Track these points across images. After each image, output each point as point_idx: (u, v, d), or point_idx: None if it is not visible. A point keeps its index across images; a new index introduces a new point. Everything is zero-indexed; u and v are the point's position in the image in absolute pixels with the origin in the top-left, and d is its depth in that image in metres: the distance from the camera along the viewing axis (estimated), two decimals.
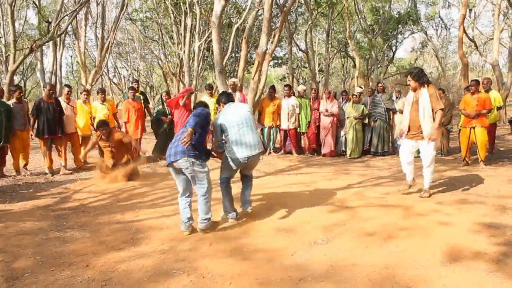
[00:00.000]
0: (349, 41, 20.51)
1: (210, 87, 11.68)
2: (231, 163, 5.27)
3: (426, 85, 6.26)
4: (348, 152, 10.71)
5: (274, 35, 11.18)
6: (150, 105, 13.36)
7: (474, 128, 8.83)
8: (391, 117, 11.06)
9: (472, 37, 19.23)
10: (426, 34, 27.02)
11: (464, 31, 13.93)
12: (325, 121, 10.74)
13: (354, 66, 23.28)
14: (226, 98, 5.58)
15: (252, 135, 5.25)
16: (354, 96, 10.76)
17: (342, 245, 4.51)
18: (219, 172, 5.55)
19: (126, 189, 7.54)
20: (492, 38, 20.20)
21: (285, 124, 10.82)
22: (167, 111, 10.63)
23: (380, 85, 11.47)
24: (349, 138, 10.70)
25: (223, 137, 5.30)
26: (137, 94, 10.87)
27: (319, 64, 29.31)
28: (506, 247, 4.34)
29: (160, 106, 10.96)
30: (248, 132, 5.23)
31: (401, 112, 10.71)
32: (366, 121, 10.84)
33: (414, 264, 4.00)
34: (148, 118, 12.04)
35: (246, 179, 5.63)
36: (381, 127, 10.82)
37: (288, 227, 5.13)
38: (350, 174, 8.46)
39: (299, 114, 10.87)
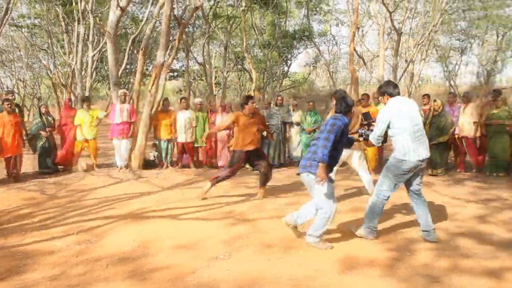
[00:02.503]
0: (246, 54, 20.88)
1: (87, 99, 11.18)
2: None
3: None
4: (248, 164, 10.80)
5: (172, 48, 11.06)
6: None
7: None
8: (287, 130, 11.35)
9: (360, 54, 20.48)
10: (318, 49, 28.25)
11: (354, 48, 14.74)
12: (221, 134, 10.75)
13: (251, 79, 23.73)
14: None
15: None
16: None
17: (245, 259, 4.51)
18: None
19: (10, 210, 6.89)
20: (378, 55, 21.65)
21: (182, 137, 10.66)
22: (46, 124, 10.01)
23: (279, 98, 11.73)
24: None
25: None
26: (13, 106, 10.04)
27: (216, 77, 29.47)
28: (397, 252, 4.63)
29: (38, 119, 10.17)
30: None
31: (298, 124, 11.07)
32: (264, 133, 11.00)
33: (316, 274, 4.11)
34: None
35: None
36: (277, 139, 11.04)
37: (188, 243, 5.03)
38: (248, 187, 8.54)
39: (195, 127, 10.75)
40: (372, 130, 5.02)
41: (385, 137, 4.98)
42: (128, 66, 22.30)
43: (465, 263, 4.33)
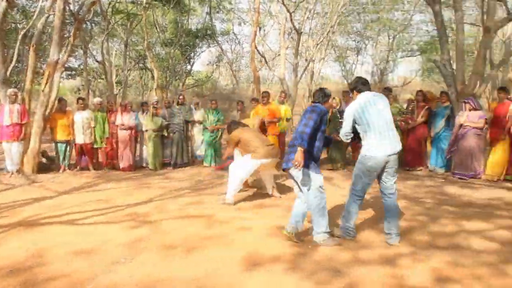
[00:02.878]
0: (147, 52, 20.38)
1: None
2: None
3: None
4: (150, 165, 10.57)
5: (67, 44, 10.52)
6: None
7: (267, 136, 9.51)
8: (190, 129, 11.26)
9: (262, 53, 20.80)
10: (221, 48, 28.30)
11: (256, 47, 14.95)
12: (123, 134, 10.42)
13: (153, 78, 23.21)
14: None
15: None
16: (154, 109, 10.65)
17: (147, 262, 4.39)
18: None
19: None
20: (279, 54, 22.11)
21: (80, 139, 10.16)
22: None
23: (181, 97, 11.58)
24: (149, 151, 10.58)
25: None
26: None
27: (116, 76, 28.50)
28: (298, 247, 4.74)
29: None
30: None
31: (200, 123, 11.02)
32: (165, 133, 10.85)
33: (220, 272, 4.10)
34: None
35: None
36: (180, 138, 10.92)
37: (87, 248, 4.79)
38: (151, 188, 8.35)
39: (94, 127, 10.31)
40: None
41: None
42: (19, 64, 20.86)
43: (365, 254, 4.53)
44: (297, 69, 20.92)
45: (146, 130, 10.58)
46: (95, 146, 10.46)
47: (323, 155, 10.62)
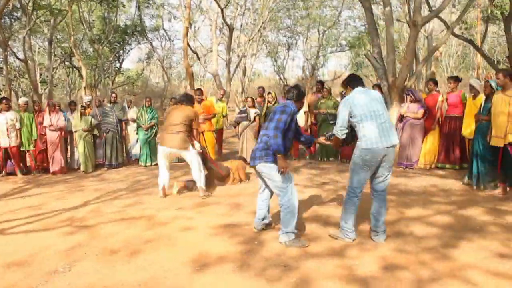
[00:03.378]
0: (74, 50, 19.53)
1: None
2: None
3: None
4: (82, 167, 10.11)
5: None
6: None
7: (203, 132, 9.44)
8: (124, 128, 10.89)
9: (194, 49, 20.54)
10: (151, 45, 27.74)
11: (188, 43, 14.70)
12: (52, 136, 9.87)
13: (81, 76, 22.32)
14: None
15: None
16: (82, 108, 10.19)
17: (87, 269, 4.13)
18: None
19: None
20: (211, 51, 21.92)
21: (4, 142, 9.49)
22: None
23: (113, 95, 11.15)
24: (80, 152, 10.11)
25: None
26: None
27: (41, 75, 27.15)
28: (246, 245, 4.65)
29: None
30: None
31: (134, 121, 10.68)
32: (96, 132, 10.43)
33: (165, 275, 3.93)
34: None
35: None
36: (114, 138, 10.52)
37: (20, 258, 4.44)
38: (85, 191, 7.96)
39: (20, 129, 9.69)
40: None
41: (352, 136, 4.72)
42: None
43: (313, 248, 4.52)
44: (230, 65, 20.86)
45: (76, 131, 10.09)
46: (22, 149, 9.84)
47: None
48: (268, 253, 4.41)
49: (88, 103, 10.53)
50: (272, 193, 5.02)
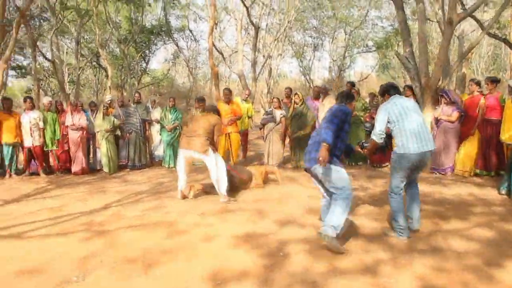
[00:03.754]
0: (100, 50, 19.57)
1: None
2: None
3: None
4: (105, 168, 9.97)
5: (9, 40, 9.77)
6: None
7: (229, 134, 9.40)
8: (148, 128, 10.72)
9: (219, 49, 20.36)
10: (177, 45, 27.70)
11: (213, 43, 14.51)
12: (74, 135, 9.75)
13: (107, 76, 22.37)
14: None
15: None
16: (104, 108, 10.04)
17: (102, 280, 3.90)
18: None
19: None
20: (237, 51, 21.73)
21: (28, 141, 9.44)
22: None
23: (137, 94, 10.98)
24: (103, 152, 9.97)
25: None
26: None
27: (69, 75, 27.40)
28: (270, 258, 4.35)
29: None
30: None
31: (157, 122, 10.50)
32: (119, 133, 10.28)
33: None
34: None
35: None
36: (137, 138, 10.37)
37: (35, 266, 4.25)
38: (107, 192, 7.79)
39: (43, 129, 9.61)
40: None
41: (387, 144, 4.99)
42: None
43: (343, 263, 4.19)
44: (256, 65, 20.60)
45: (98, 131, 9.95)
46: (45, 149, 9.76)
47: (287, 152, 10.34)
48: (294, 268, 4.10)
49: (109, 102, 10.38)
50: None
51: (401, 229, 4.82)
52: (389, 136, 4.97)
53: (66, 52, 28.45)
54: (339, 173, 4.67)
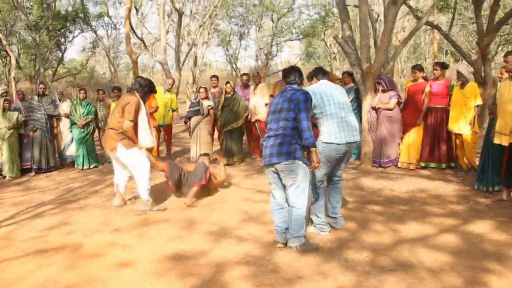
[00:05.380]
0: (0, 35, 17.24)
1: None
2: None
3: None
4: (7, 173, 8.50)
5: None
6: None
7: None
8: (56, 125, 9.27)
9: (141, 37, 18.91)
10: (96, 33, 25.83)
11: (131, 27, 13.19)
12: None
13: (19, 67, 20.09)
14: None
15: None
16: (6, 102, 8.55)
17: None
18: None
19: None
20: (160, 39, 20.34)
21: None
22: None
23: (41, 86, 9.37)
24: (6, 157, 8.48)
25: None
26: None
27: None
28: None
29: None
30: None
31: (67, 116, 9.14)
32: (23, 131, 8.82)
33: None
34: None
35: None
36: (43, 137, 8.92)
37: None
38: (1, 205, 6.43)
39: None
40: None
41: None
42: None
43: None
44: (179, 53, 19.37)
45: None
46: None
47: (216, 147, 9.33)
48: None
49: (5, 93, 8.88)
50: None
51: (323, 225, 4.62)
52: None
53: None
54: (306, 170, 4.15)
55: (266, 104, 8.98)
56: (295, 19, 30.16)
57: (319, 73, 4.90)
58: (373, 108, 7.82)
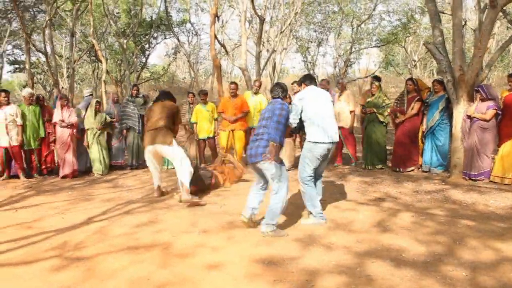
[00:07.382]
0: (93, 41, 18.20)
1: None
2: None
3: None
4: (96, 172, 8.89)
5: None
6: None
7: (233, 131, 8.86)
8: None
9: (222, 43, 19.22)
10: (178, 39, 26.61)
11: (215, 34, 13.38)
12: (63, 134, 8.62)
13: (107, 71, 21.09)
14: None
15: None
16: (97, 104, 8.96)
17: None
18: None
19: None
20: (240, 45, 20.60)
21: (5, 140, 8.26)
22: None
23: (135, 88, 9.81)
24: (93, 153, 8.90)
25: None
26: None
27: (67, 69, 26.19)
28: None
29: None
30: None
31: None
32: (111, 131, 9.23)
33: None
34: None
35: None
36: (134, 136, 9.41)
37: None
38: (92, 201, 6.66)
39: (22, 125, 8.43)
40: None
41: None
42: None
43: None
44: (260, 59, 19.47)
45: (88, 129, 8.86)
46: (25, 148, 8.62)
47: (298, 153, 9.24)
48: None
49: (91, 95, 9.38)
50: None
51: (321, 214, 5.19)
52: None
53: (65, 46, 27.33)
54: (282, 170, 4.81)
55: (351, 112, 8.79)
56: (375, 26, 29.51)
57: (307, 79, 5.45)
58: (468, 117, 7.38)
